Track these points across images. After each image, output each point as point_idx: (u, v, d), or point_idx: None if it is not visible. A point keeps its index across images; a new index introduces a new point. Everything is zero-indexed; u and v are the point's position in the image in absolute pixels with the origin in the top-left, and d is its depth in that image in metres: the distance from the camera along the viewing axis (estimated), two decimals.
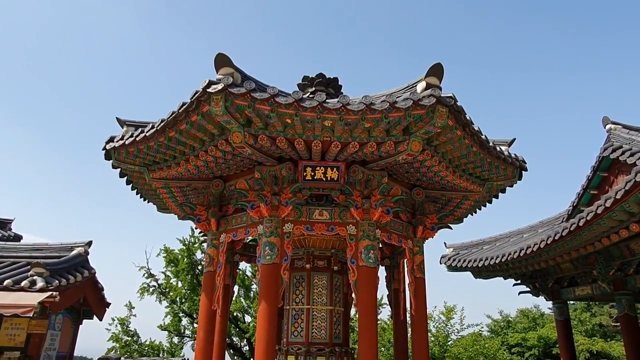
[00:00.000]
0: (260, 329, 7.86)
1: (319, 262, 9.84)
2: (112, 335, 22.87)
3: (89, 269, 11.36)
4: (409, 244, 9.44)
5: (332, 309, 9.57)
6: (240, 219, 9.17)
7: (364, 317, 8.07)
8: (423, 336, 9.19)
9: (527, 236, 14.31)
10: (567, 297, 13.75)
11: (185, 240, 23.07)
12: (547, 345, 23.87)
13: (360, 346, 7.90)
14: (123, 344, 22.52)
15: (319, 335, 9.34)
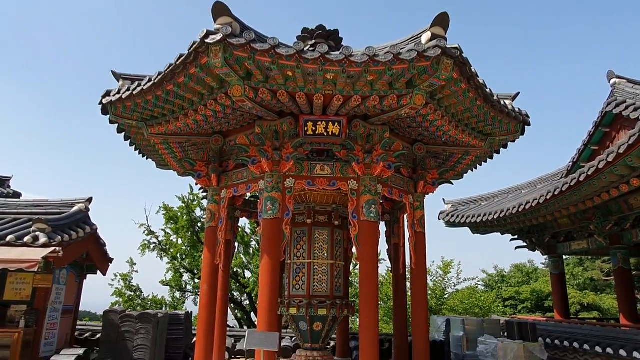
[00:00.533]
0: (262, 282, 7.98)
1: (320, 217, 9.89)
2: (115, 291, 23.36)
3: (90, 225, 11.41)
4: (409, 199, 9.46)
5: (333, 263, 9.70)
6: (241, 174, 9.12)
7: (365, 270, 8.19)
8: (422, 289, 9.37)
9: (526, 192, 14.39)
10: (562, 251, 13.99)
11: (184, 197, 23.16)
12: (540, 298, 24.58)
13: (362, 298, 8.06)
14: (126, 299, 23.04)
15: (320, 289, 9.51)
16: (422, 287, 9.39)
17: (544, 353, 9.50)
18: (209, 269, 9.18)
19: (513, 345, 9.45)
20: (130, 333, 9.77)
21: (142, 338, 9.68)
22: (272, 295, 7.90)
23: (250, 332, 7.04)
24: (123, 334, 9.79)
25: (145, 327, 9.75)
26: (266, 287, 7.91)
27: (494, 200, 15.10)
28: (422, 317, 9.18)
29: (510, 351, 9.39)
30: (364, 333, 7.90)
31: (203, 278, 9.22)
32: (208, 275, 9.17)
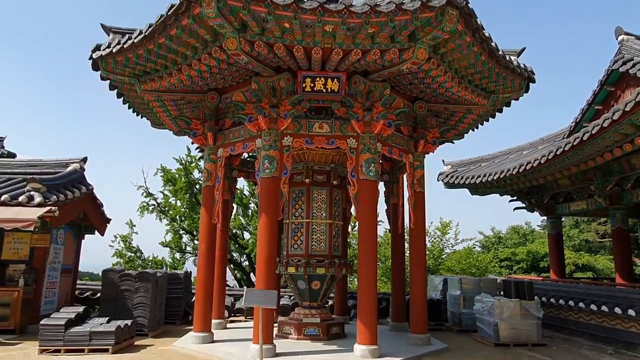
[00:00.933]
0: (261, 241, 7.92)
1: (318, 176, 9.75)
2: (115, 252, 23.52)
3: (86, 185, 11.26)
4: (409, 158, 9.30)
5: (331, 222, 9.63)
6: (237, 132, 8.91)
7: (364, 229, 8.12)
8: (421, 248, 9.35)
9: (527, 153, 14.22)
10: (561, 212, 13.97)
11: (182, 159, 22.94)
12: (535, 259, 24.85)
13: (360, 257, 8.02)
14: (127, 260, 23.24)
15: (318, 248, 9.48)
16: (421, 246, 9.36)
17: (540, 311, 9.59)
18: (206, 229, 9.11)
19: (509, 303, 9.53)
20: (130, 292, 9.80)
21: (142, 296, 9.72)
22: (270, 254, 7.85)
23: (248, 290, 7.02)
24: (122, 293, 9.82)
25: (144, 286, 9.77)
26: (264, 245, 7.85)
27: (494, 161, 14.94)
28: (420, 275, 9.20)
29: (506, 309, 9.48)
30: (362, 291, 7.91)
31: (201, 238, 9.16)
32: (206, 234, 9.10)
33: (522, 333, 9.46)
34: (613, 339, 9.38)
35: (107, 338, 8.07)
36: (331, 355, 7.85)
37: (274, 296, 6.95)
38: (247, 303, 6.82)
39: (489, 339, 9.61)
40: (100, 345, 8.05)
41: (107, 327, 8.20)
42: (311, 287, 9.36)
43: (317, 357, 7.68)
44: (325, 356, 7.75)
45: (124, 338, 8.50)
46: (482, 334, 9.99)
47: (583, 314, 10.25)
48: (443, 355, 8.51)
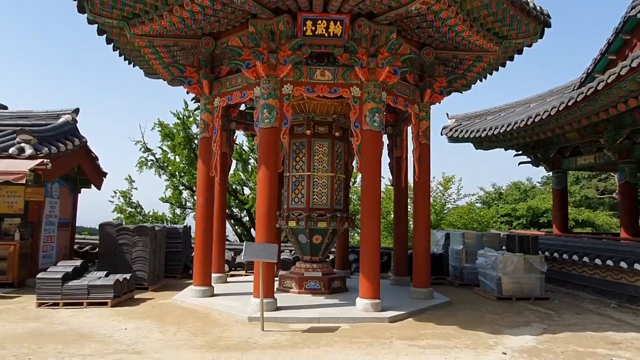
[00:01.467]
0: (260, 194, 7.61)
1: (319, 128, 9.33)
2: (115, 207, 23.45)
3: (79, 137, 10.86)
4: (415, 109, 8.86)
5: (333, 175, 9.31)
6: (234, 80, 8.43)
7: (367, 181, 7.80)
8: (425, 202, 9.07)
9: (535, 106, 13.71)
10: (567, 167, 13.63)
11: (179, 113, 22.41)
12: (535, 215, 24.78)
13: (363, 209, 7.75)
14: (127, 215, 23.17)
15: (319, 202, 9.21)
16: (425, 200, 9.08)
17: (544, 265, 9.44)
18: (204, 181, 8.79)
19: (514, 258, 9.37)
20: (128, 245, 9.61)
21: (140, 250, 9.53)
22: (270, 207, 7.57)
23: (248, 244, 6.78)
24: (121, 247, 9.63)
25: (142, 240, 9.57)
26: (264, 199, 7.56)
27: (500, 115, 14.45)
28: (423, 230, 8.97)
29: (510, 263, 9.33)
30: (365, 245, 7.69)
31: (199, 190, 8.86)
32: (203, 187, 8.80)
33: (525, 287, 9.35)
34: (617, 293, 9.27)
35: (106, 291, 7.93)
36: (333, 309, 7.73)
37: (274, 250, 6.72)
38: (247, 257, 6.60)
39: (491, 293, 9.51)
40: (99, 299, 7.92)
41: (106, 281, 8.04)
42: (312, 241, 9.16)
43: (319, 310, 7.55)
44: (327, 310, 7.63)
45: (123, 292, 8.37)
46: (484, 288, 9.89)
47: (587, 269, 10.11)
48: (446, 308, 8.41)
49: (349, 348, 5.88)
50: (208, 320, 7.13)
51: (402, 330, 6.80)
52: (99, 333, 6.37)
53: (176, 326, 6.76)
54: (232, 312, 7.37)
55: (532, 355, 5.77)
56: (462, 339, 6.47)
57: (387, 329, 6.88)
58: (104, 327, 6.70)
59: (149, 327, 6.68)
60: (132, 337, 6.20)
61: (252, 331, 6.56)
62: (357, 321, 7.13)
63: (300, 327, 6.86)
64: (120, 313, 7.55)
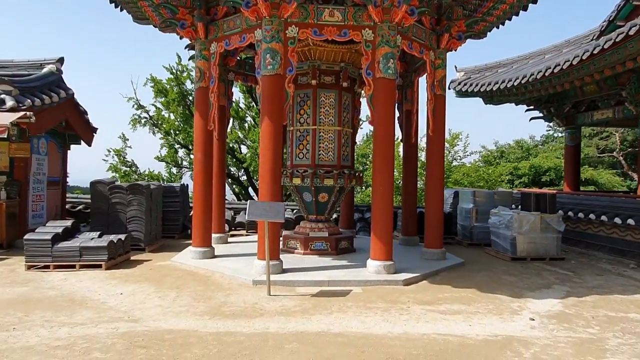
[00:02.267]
0: (264, 148, 6.94)
1: (326, 77, 8.54)
2: (110, 166, 22.77)
3: (65, 89, 10.02)
4: (430, 56, 8.06)
5: (340, 129, 8.61)
6: (233, 22, 7.57)
7: (380, 135, 7.11)
8: (439, 158, 8.44)
9: (550, 57, 12.86)
10: (582, 122, 12.95)
11: (172, 68, 21.30)
12: (537, 173, 24.31)
13: (376, 164, 7.11)
14: (122, 174, 22.53)
15: (326, 158, 8.55)
16: (439, 156, 8.45)
17: (561, 224, 8.94)
18: (202, 136, 8.08)
19: (530, 217, 8.85)
20: (122, 205, 9.00)
21: (135, 209, 8.93)
22: (276, 162, 6.91)
23: (252, 203, 6.16)
24: (114, 206, 9.01)
25: (137, 199, 8.95)
26: (268, 153, 6.89)
27: (512, 67, 13.60)
28: (437, 188, 8.38)
29: (526, 222, 8.82)
30: (377, 203, 7.10)
31: (196, 146, 8.17)
32: (201, 142, 8.10)
33: (540, 247, 8.89)
34: (636, 253, 8.84)
35: (100, 253, 7.37)
36: (342, 271, 7.22)
37: (280, 209, 6.12)
38: (252, 216, 6.00)
39: (504, 253, 9.05)
40: (93, 261, 7.37)
41: (99, 242, 7.47)
42: (318, 199, 8.58)
43: (328, 272, 7.05)
44: (336, 272, 7.12)
45: (119, 253, 7.83)
46: (496, 248, 9.43)
47: (604, 228, 9.65)
48: (460, 270, 7.94)
49: (364, 314, 5.39)
50: (210, 284, 6.61)
51: (419, 294, 6.32)
52: (92, 299, 5.85)
53: (176, 291, 6.25)
54: (236, 275, 6.86)
55: (561, 321, 5.30)
56: (483, 302, 6.00)
57: (402, 292, 6.39)
58: (97, 291, 6.17)
59: (147, 292, 6.16)
60: (128, 303, 5.68)
61: (257, 296, 6.06)
62: (370, 284, 6.65)
63: (309, 290, 6.37)
64: (115, 276, 7.02)
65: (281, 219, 6.04)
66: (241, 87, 20.89)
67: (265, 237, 6.13)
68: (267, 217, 6.04)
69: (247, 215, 5.95)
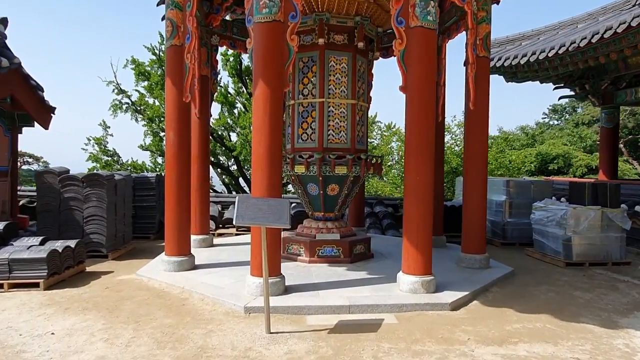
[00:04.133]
0: (259, 123, 4.93)
1: (336, 36, 6.53)
2: (90, 156, 20.71)
3: (9, 57, 7.86)
4: (472, 6, 6.07)
5: (354, 103, 6.62)
6: None
7: (417, 107, 5.14)
8: (482, 140, 6.51)
9: (583, 26, 10.95)
10: (623, 100, 11.08)
11: (154, 48, 19.05)
12: (544, 161, 22.59)
13: (410, 147, 5.15)
14: (103, 164, 20.44)
15: (337, 139, 6.57)
16: (482, 135, 6.52)
17: (627, 221, 7.09)
18: (175, 110, 6.03)
19: (589, 212, 6.97)
20: (77, 200, 6.96)
21: (95, 207, 6.91)
22: (274, 141, 4.92)
23: (242, 199, 4.15)
24: (67, 202, 6.96)
25: (96, 193, 6.92)
26: (264, 129, 4.88)
27: (538, 39, 11.68)
28: (479, 177, 6.47)
29: (584, 219, 6.94)
30: (412, 197, 5.15)
31: (168, 123, 6.10)
32: (174, 118, 6.04)
33: (600, 249, 7.04)
34: None
35: (36, 268, 5.35)
36: (365, 288, 5.29)
37: (283, 208, 4.12)
38: (243, 220, 3.99)
39: (554, 257, 7.20)
40: (27, 278, 5.35)
41: (36, 252, 5.44)
42: (327, 192, 6.61)
43: (346, 292, 5.11)
44: (358, 291, 5.19)
45: (66, 265, 5.81)
46: (542, 250, 7.58)
47: None
48: (513, 282, 6.07)
49: None
50: (184, 314, 4.62)
51: (478, 326, 4.41)
52: (5, 344, 3.83)
53: (134, 326, 4.26)
54: (221, 299, 4.88)
55: None
56: (573, 340, 4.12)
57: (453, 322, 4.48)
58: (20, 329, 4.17)
59: (91, 330, 4.17)
60: (57, 352, 3.69)
61: (252, 333, 4.10)
62: (406, 309, 4.73)
63: (324, 321, 4.43)
64: (54, 301, 5.00)
65: (285, 223, 4.05)
66: (230, 70, 18.87)
67: (263, 248, 4.15)
68: (266, 221, 4.04)
69: (236, 217, 3.95)
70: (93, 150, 20.85)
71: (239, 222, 3.93)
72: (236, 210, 3.98)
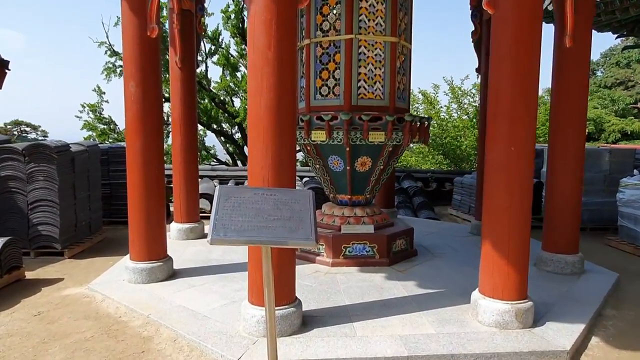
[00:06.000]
0: (260, 63, 2.88)
1: None
2: (85, 124, 19.01)
3: None
4: None
5: (395, 42, 4.54)
6: None
7: (514, 43, 3.05)
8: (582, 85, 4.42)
9: None
10: None
11: None
12: None
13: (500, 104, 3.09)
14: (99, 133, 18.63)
15: (370, 93, 4.53)
16: (581, 84, 4.42)
17: None
18: (136, 49, 3.96)
19: None
20: (19, 180, 5.06)
21: (42, 188, 5.02)
22: (284, 90, 2.89)
23: (225, 194, 2.15)
24: (5, 183, 5.06)
25: (44, 170, 5.01)
26: (267, 71, 2.85)
27: None
28: (574, 145, 4.42)
29: None
30: (498, 174, 3.15)
31: (126, 68, 4.03)
32: (135, 61, 3.97)
33: None
34: None
35: None
36: (425, 316, 3.38)
37: (305, 210, 2.13)
38: (226, 235, 2.03)
39: None
40: None
41: None
42: (355, 168, 4.64)
43: (400, 327, 3.20)
44: (415, 321, 3.29)
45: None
46: (633, 241, 5.62)
47: None
48: (625, 296, 4.13)
49: None
50: None
51: None
52: None
53: None
54: (202, 343, 2.99)
55: None
56: None
57: None
58: None
59: None
60: None
61: None
62: (501, 358, 2.83)
63: None
64: None
65: (308, 238, 2.06)
66: (231, 30, 16.75)
67: (265, 273, 2.20)
68: (271, 237, 2.07)
69: (212, 231, 1.98)
70: (88, 117, 19.14)
71: (217, 239, 1.97)
72: (213, 216, 2.02)
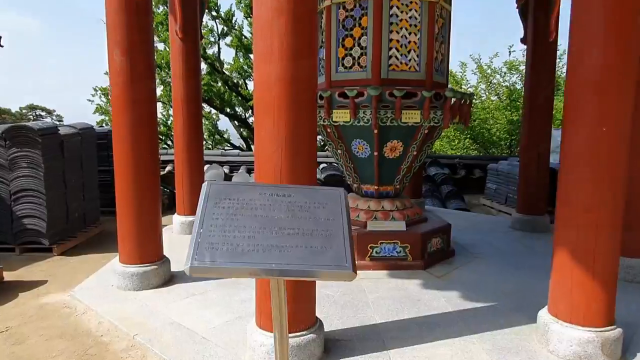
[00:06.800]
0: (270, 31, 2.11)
1: None
2: (97, 107, 18.67)
3: None
4: None
5: (434, 1, 3.70)
6: None
7: None
8: None
9: None
10: None
11: None
12: None
13: (590, 73, 2.28)
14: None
15: (403, 64, 3.74)
16: None
17: None
18: (121, 12, 3.21)
19: None
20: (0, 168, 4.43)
21: (26, 176, 4.39)
22: (299, 52, 2.12)
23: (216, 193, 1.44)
24: None
25: (27, 156, 4.38)
26: (278, 27, 2.08)
27: None
28: None
29: None
30: (585, 166, 2.36)
31: (109, 35, 3.30)
32: (119, 26, 3.24)
33: None
34: None
35: None
36: (477, 341, 2.66)
37: (337, 222, 1.39)
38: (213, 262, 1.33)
39: None
40: None
41: None
42: (384, 153, 3.88)
43: (446, 358, 2.47)
44: (467, 348, 2.57)
45: None
46: None
47: None
48: None
49: None
50: None
51: None
52: None
53: None
54: None
55: None
56: None
57: None
58: None
59: None
60: None
61: None
62: None
63: None
64: None
65: (342, 266, 1.34)
66: (244, 10, 16.02)
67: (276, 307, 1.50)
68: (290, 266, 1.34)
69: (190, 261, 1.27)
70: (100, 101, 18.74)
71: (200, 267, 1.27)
72: (196, 230, 1.32)
